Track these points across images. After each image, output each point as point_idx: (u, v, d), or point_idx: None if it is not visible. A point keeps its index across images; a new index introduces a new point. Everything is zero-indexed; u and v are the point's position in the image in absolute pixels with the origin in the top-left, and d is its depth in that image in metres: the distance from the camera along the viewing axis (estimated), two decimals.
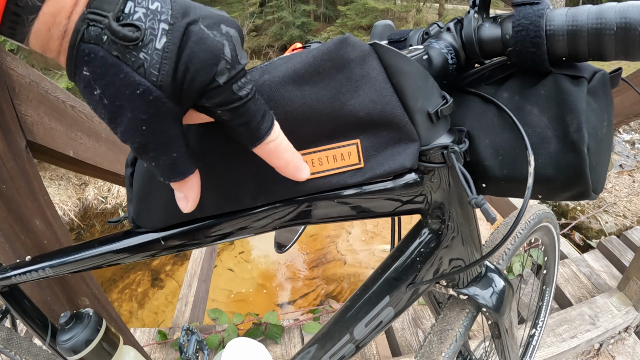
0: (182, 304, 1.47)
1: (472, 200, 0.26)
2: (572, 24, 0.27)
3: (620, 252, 1.55)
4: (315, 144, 0.27)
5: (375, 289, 0.38)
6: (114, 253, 0.35)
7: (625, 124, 1.48)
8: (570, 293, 1.42)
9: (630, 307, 1.30)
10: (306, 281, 3.13)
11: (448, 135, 0.30)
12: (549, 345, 1.18)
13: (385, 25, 0.45)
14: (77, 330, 0.46)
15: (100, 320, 0.49)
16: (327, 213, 0.31)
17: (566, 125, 0.29)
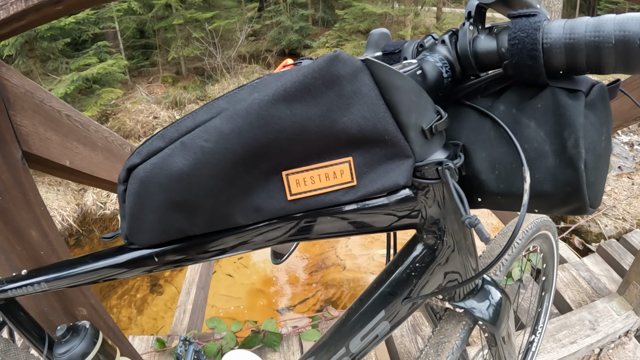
0: (181, 311, 1.46)
1: (465, 220, 0.26)
2: (569, 36, 0.27)
3: (620, 256, 1.55)
4: (306, 163, 0.27)
5: (370, 303, 0.38)
6: (109, 269, 0.35)
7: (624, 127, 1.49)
8: (570, 298, 1.41)
9: (631, 311, 1.30)
10: (305, 286, 3.12)
11: (443, 151, 0.30)
12: (549, 351, 1.18)
13: (382, 34, 0.45)
14: (74, 343, 0.46)
15: (96, 333, 0.49)
16: (321, 230, 0.31)
17: (563, 140, 0.29)
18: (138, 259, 0.33)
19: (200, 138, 0.26)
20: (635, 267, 1.27)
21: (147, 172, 0.28)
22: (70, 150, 0.85)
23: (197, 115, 0.27)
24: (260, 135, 0.25)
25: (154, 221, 0.29)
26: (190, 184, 0.26)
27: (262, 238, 0.31)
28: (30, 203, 0.71)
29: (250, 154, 0.26)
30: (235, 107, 0.25)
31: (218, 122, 0.25)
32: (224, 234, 0.31)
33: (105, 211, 4.50)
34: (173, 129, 0.27)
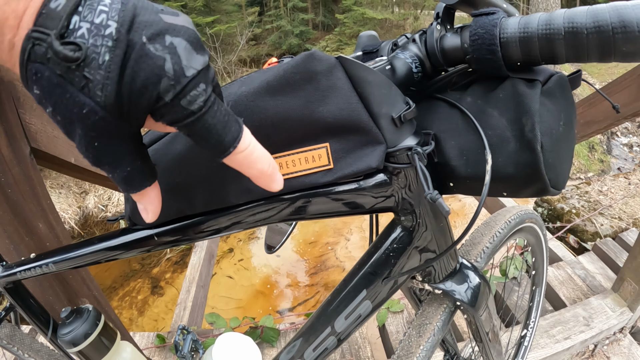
0: (181, 308, 1.49)
1: (427, 195, 0.29)
2: (523, 31, 0.30)
3: (616, 254, 1.56)
4: (289, 148, 0.30)
5: (353, 284, 0.40)
6: (112, 249, 0.38)
7: (615, 126, 1.50)
8: (565, 295, 1.43)
9: (625, 307, 1.31)
10: (305, 288, 3.14)
11: (413, 138, 0.33)
12: (543, 346, 1.19)
13: (369, 36, 0.49)
14: (77, 324, 0.49)
15: (99, 315, 0.52)
16: (307, 210, 0.34)
17: (522, 125, 0.31)
18: (140, 239, 0.36)
19: None
20: (629, 264, 1.28)
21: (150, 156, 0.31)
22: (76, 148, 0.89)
23: None
24: (248, 123, 0.28)
25: None
26: (189, 167, 0.30)
27: (253, 218, 0.34)
28: (38, 196, 0.74)
29: None
30: (226, 100, 0.29)
31: None
32: (218, 215, 0.34)
33: (107, 214, 4.54)
34: None
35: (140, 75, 0.19)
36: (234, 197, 0.32)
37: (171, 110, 0.20)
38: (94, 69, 0.18)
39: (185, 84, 0.20)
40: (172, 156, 0.30)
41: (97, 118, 0.19)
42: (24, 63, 0.18)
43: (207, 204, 0.33)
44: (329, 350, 0.43)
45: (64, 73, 0.18)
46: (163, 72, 0.19)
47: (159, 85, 0.19)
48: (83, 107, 0.19)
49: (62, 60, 0.18)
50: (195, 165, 0.30)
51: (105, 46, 0.18)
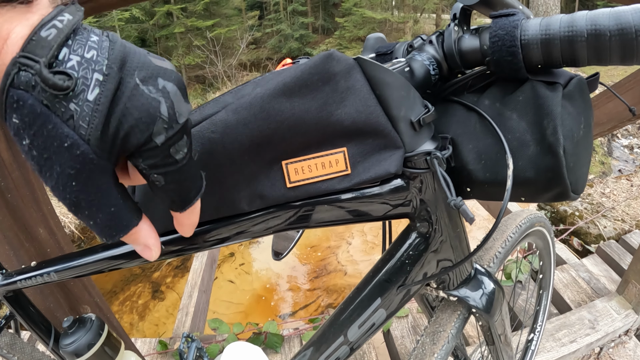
0: (183, 314, 1.47)
1: (451, 201, 0.28)
2: (545, 33, 0.29)
3: (620, 257, 1.55)
4: (304, 152, 0.29)
5: (367, 292, 0.39)
6: (116, 258, 0.36)
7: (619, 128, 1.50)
8: (570, 298, 1.42)
9: (630, 310, 1.30)
10: (307, 292, 3.12)
11: (431, 142, 0.32)
12: (549, 350, 1.18)
13: (377, 38, 0.48)
14: (80, 334, 0.47)
15: (102, 324, 0.50)
16: (319, 218, 0.33)
17: (543, 128, 0.31)
18: None
19: (207, 130, 0.28)
20: (634, 266, 1.27)
21: None
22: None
23: (204, 109, 0.29)
24: (263, 126, 0.27)
25: (163, 209, 0.31)
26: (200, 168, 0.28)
27: (264, 226, 0.33)
28: (39, 202, 0.73)
29: (254, 143, 0.28)
30: (239, 101, 0.27)
31: (224, 115, 0.27)
32: (227, 221, 0.33)
33: None
34: None
35: (134, 114, 0.18)
36: (246, 204, 0.31)
37: (157, 154, 0.20)
38: (82, 100, 0.18)
39: (177, 130, 0.19)
40: None
41: (77, 153, 0.18)
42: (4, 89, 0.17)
43: (216, 211, 0.31)
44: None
45: (49, 102, 0.17)
46: (158, 114, 0.19)
47: (152, 126, 0.19)
48: (65, 140, 0.18)
49: (51, 89, 0.17)
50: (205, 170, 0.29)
51: (96, 80, 0.18)
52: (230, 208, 0.31)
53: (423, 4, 8.66)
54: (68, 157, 0.18)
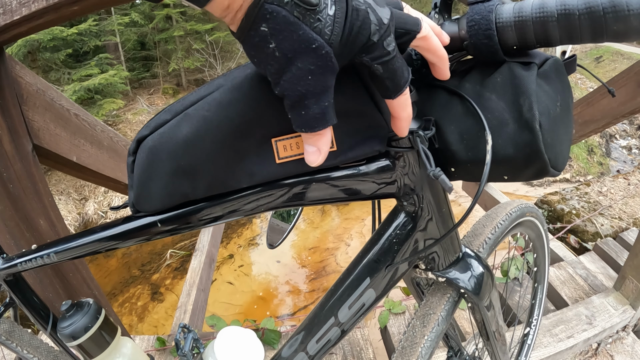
0: (181, 312, 1.47)
1: (430, 172, 0.29)
2: (518, 15, 0.31)
3: (617, 254, 1.56)
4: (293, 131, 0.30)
5: (356, 273, 0.40)
6: (114, 237, 0.38)
7: (613, 125, 1.51)
8: (567, 295, 1.42)
9: (627, 306, 1.30)
10: (306, 294, 3.12)
11: (415, 122, 0.34)
12: (546, 345, 1.19)
13: None
14: (77, 317, 0.48)
15: (99, 308, 0.51)
16: (310, 196, 0.34)
17: (520, 106, 0.32)
18: (143, 227, 0.36)
19: (202, 109, 0.29)
20: (631, 262, 1.28)
21: (155, 141, 0.31)
22: (78, 147, 0.89)
23: (200, 91, 0.31)
24: (254, 105, 0.28)
25: (161, 186, 0.32)
26: (194, 149, 0.30)
27: (256, 204, 0.34)
28: (40, 193, 0.75)
29: (245, 121, 0.29)
30: (232, 82, 0.29)
31: (217, 95, 0.29)
32: (220, 200, 0.34)
33: (106, 220, 4.53)
34: (178, 104, 0.31)
35: (357, 23, 0.24)
36: (236, 181, 0.32)
37: (376, 48, 0.25)
38: (324, 15, 0.23)
39: (385, 29, 0.25)
40: (178, 139, 0.30)
41: (322, 52, 0.24)
42: (258, 4, 0.22)
43: (209, 188, 0.32)
44: (332, 342, 0.43)
45: (300, 15, 0.23)
46: (370, 20, 0.25)
47: (369, 29, 0.25)
48: (313, 42, 0.23)
49: (304, 4, 0.23)
50: (200, 147, 0.30)
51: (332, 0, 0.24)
52: (222, 186, 0.32)
53: (420, 8, 8.72)
54: (313, 56, 0.24)
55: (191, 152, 0.30)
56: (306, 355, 0.43)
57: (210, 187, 0.32)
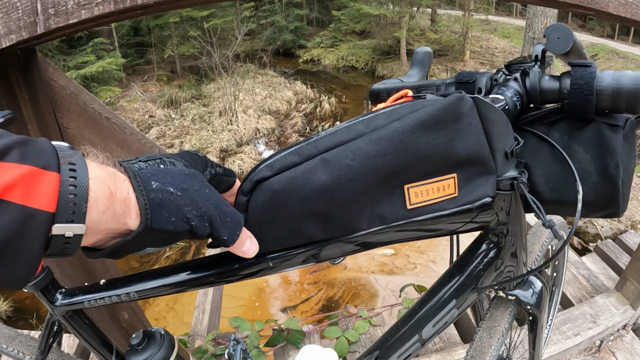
0: (200, 311, 1.49)
1: (545, 223, 0.32)
2: (617, 85, 0.35)
3: (616, 255, 1.64)
4: (424, 178, 0.33)
5: (442, 294, 0.43)
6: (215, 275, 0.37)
7: None
8: (571, 294, 1.50)
9: (628, 306, 1.38)
10: (307, 286, 3.16)
11: (515, 169, 0.37)
12: (555, 342, 1.25)
13: (426, 53, 0.52)
14: (152, 351, 0.46)
15: (172, 338, 0.49)
16: (420, 234, 0.37)
17: (606, 163, 0.37)
18: (251, 264, 0.35)
19: (345, 157, 0.30)
20: (632, 266, 1.35)
21: (283, 184, 0.30)
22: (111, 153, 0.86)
23: (336, 135, 0.31)
24: (400, 157, 0.30)
25: (284, 229, 0.32)
26: (332, 196, 0.30)
27: (372, 241, 0.36)
28: None
29: (390, 172, 0.31)
30: (378, 132, 0.30)
31: (362, 144, 0.30)
32: (340, 240, 0.34)
33: None
34: (310, 147, 0.31)
35: None
36: (366, 224, 0.33)
37: None
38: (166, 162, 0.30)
39: None
40: (314, 185, 0.30)
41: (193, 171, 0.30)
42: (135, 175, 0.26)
43: (340, 231, 0.33)
44: (412, 355, 0.46)
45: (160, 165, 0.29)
46: None
47: None
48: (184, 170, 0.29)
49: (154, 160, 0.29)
50: (339, 194, 0.30)
51: None
52: (352, 229, 0.33)
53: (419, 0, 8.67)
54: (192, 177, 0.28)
55: (329, 199, 0.30)
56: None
57: (340, 230, 0.33)
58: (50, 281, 0.45)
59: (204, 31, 6.48)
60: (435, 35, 9.05)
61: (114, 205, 0.23)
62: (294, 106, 6.64)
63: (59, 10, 0.54)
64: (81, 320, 0.49)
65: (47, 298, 0.45)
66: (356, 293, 2.94)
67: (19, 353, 0.58)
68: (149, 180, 0.25)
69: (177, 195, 0.26)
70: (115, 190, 0.23)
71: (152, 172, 0.26)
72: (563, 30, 0.36)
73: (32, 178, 0.19)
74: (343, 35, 10.60)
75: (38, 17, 0.54)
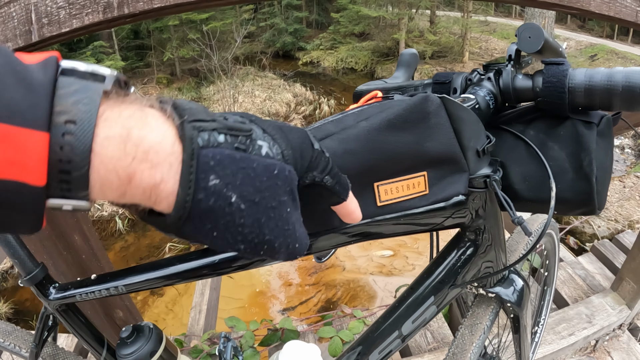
0: (196, 312, 1.50)
1: (514, 219, 0.33)
2: (589, 82, 0.35)
3: (613, 255, 1.63)
4: (395, 176, 0.33)
5: (421, 291, 0.44)
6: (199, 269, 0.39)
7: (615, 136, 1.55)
8: (567, 294, 1.50)
9: (624, 306, 1.38)
10: (305, 287, 3.16)
11: (488, 167, 0.38)
12: (549, 342, 1.25)
13: (412, 54, 0.53)
14: (141, 343, 0.48)
15: (160, 332, 0.51)
16: (394, 229, 0.37)
17: (580, 160, 0.37)
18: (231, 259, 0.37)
19: None
20: (628, 265, 1.35)
21: None
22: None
23: None
24: (368, 156, 0.31)
25: None
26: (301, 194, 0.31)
27: (347, 238, 0.37)
28: None
29: (359, 170, 0.31)
30: (346, 132, 0.31)
31: (331, 143, 0.31)
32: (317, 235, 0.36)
33: (103, 213, 4.48)
34: None
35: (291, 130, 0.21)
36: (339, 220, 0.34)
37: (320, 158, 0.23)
38: (259, 135, 0.19)
39: None
40: None
41: (286, 174, 0.19)
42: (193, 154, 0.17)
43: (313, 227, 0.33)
44: (393, 352, 0.46)
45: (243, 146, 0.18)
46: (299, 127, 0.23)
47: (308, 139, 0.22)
48: (272, 168, 0.19)
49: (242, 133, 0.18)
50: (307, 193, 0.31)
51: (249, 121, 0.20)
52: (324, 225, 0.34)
53: (418, 1, 8.69)
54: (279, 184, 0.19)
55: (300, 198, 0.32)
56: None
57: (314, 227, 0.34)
58: (45, 276, 0.48)
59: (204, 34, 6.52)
60: (434, 36, 9.06)
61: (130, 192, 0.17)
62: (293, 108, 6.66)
63: (51, 19, 0.57)
64: (74, 314, 0.51)
65: (41, 292, 0.47)
66: (355, 294, 2.94)
67: (15, 347, 0.60)
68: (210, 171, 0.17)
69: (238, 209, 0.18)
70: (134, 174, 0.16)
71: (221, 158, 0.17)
72: (534, 30, 0.37)
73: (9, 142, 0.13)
74: (342, 37, 10.63)
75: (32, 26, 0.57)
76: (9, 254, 0.47)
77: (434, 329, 1.34)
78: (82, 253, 0.77)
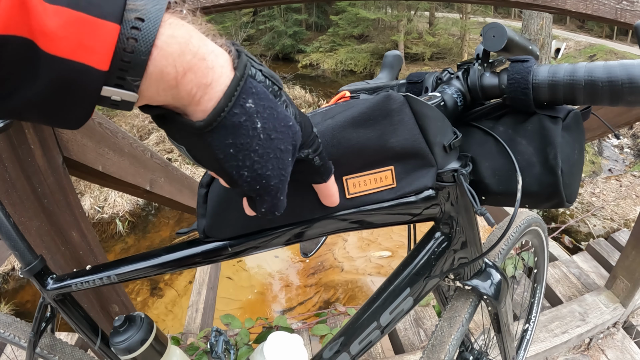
0: (193, 310, 1.51)
1: (477, 210, 0.34)
2: (552, 78, 0.36)
3: (609, 254, 1.63)
4: (361, 170, 0.35)
5: (397, 283, 0.46)
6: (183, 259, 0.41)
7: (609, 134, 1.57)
8: (561, 292, 1.50)
9: (618, 304, 1.38)
10: (304, 288, 3.17)
11: (457, 161, 0.39)
12: (542, 340, 1.26)
13: (395, 56, 0.54)
14: (132, 332, 0.50)
15: (151, 322, 0.53)
16: (367, 221, 0.39)
17: (546, 154, 0.38)
18: (213, 250, 0.39)
19: None
20: (622, 263, 1.35)
21: None
22: (103, 156, 0.90)
23: None
24: (333, 151, 0.33)
25: (237, 217, 0.36)
26: None
27: (321, 230, 0.39)
28: (71, 205, 0.77)
29: None
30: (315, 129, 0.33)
31: None
32: (290, 226, 0.38)
33: (103, 215, 4.51)
34: None
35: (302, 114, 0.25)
36: (309, 212, 0.36)
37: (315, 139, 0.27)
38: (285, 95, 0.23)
39: None
40: None
41: (295, 131, 0.23)
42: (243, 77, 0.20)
43: (285, 219, 0.36)
44: (373, 343, 0.48)
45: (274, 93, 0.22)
46: None
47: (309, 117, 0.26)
48: (288, 120, 0.23)
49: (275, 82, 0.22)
50: None
51: None
52: (296, 217, 0.36)
53: (417, 4, 8.73)
54: (289, 135, 0.23)
55: None
56: (348, 355, 0.48)
57: (286, 219, 0.36)
58: (43, 267, 0.50)
59: None
60: (433, 38, 9.09)
61: (182, 85, 0.19)
62: None
63: None
64: (70, 304, 0.53)
65: (39, 282, 0.49)
66: (353, 295, 2.94)
67: (15, 337, 0.62)
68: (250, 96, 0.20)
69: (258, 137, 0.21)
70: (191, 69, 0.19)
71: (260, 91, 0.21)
72: (498, 29, 0.38)
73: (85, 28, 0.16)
74: (341, 40, 10.68)
75: None
76: (10, 246, 0.49)
77: (427, 327, 1.35)
78: (80, 249, 0.79)
